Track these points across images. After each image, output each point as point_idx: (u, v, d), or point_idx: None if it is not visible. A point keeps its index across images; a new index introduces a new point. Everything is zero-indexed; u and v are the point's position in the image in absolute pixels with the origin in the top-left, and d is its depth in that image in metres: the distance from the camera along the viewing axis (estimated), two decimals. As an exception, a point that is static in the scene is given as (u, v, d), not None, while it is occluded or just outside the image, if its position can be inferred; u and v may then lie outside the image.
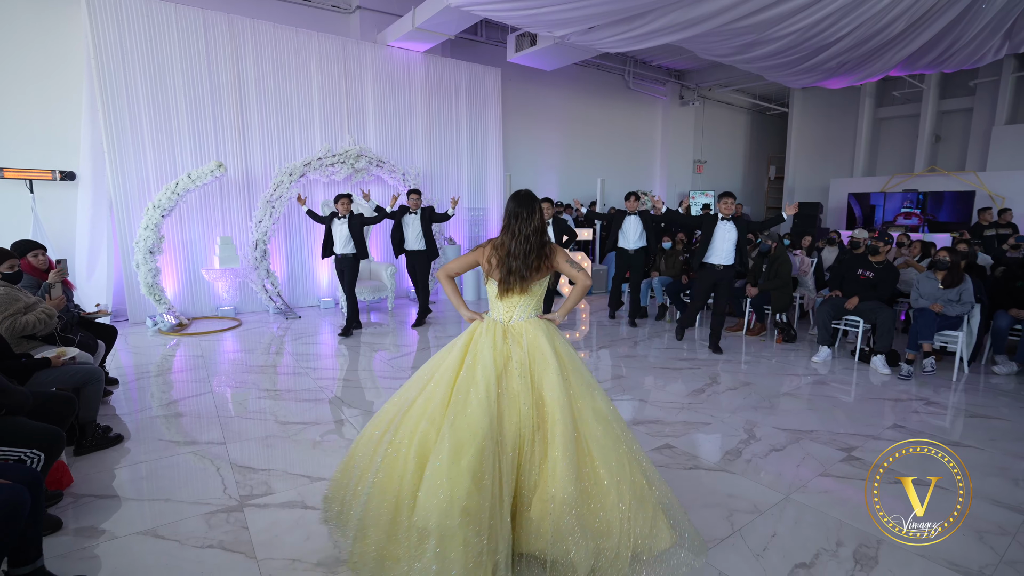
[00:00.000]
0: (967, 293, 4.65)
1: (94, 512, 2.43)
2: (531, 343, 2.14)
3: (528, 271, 2.19)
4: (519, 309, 2.23)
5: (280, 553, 2.16)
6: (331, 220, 5.87)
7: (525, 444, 1.96)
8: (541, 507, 1.88)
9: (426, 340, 5.77)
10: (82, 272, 5.99)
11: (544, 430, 1.98)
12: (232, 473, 2.82)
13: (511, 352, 2.11)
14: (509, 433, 1.95)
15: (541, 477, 1.93)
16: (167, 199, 5.97)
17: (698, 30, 5.98)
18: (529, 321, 2.22)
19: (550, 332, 2.21)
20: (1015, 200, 9.26)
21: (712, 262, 5.28)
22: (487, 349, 2.09)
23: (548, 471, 1.91)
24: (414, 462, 1.86)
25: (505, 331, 2.18)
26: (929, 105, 10.92)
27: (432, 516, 1.71)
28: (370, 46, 7.57)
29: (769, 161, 14.64)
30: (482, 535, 1.75)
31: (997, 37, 6.45)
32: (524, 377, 2.05)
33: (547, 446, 1.96)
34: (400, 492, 1.84)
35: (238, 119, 6.70)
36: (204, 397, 3.99)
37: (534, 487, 1.93)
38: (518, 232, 2.20)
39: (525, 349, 2.12)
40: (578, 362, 2.20)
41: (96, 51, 5.77)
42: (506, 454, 1.91)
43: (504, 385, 2.02)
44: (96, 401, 3.00)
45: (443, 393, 2.00)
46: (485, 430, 1.86)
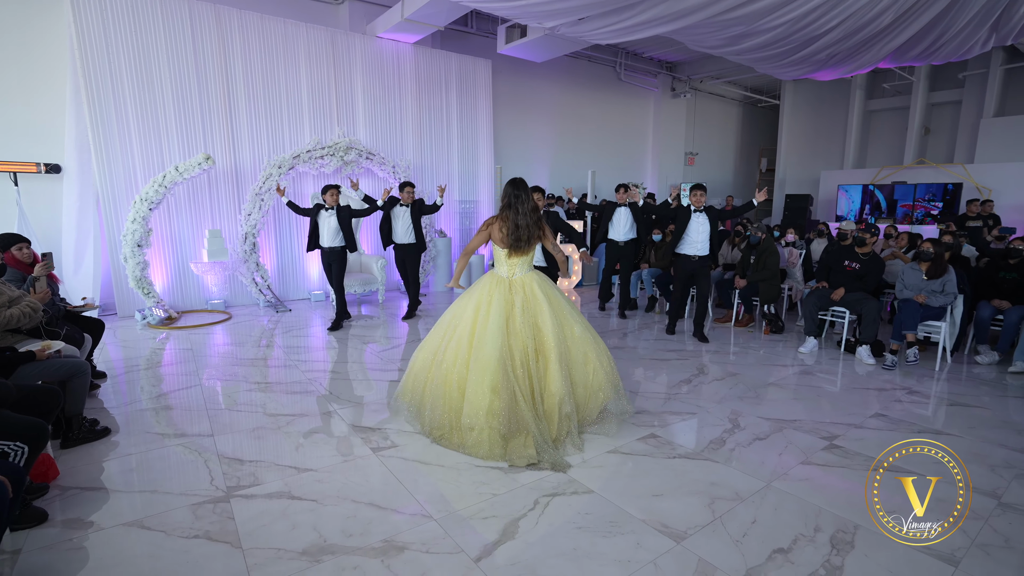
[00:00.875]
0: (951, 284, 4.71)
1: (80, 504, 2.44)
2: (528, 292, 3.08)
3: (532, 237, 3.11)
4: (519, 267, 3.15)
5: (265, 543, 2.18)
6: (317, 212, 5.80)
7: (531, 362, 2.92)
8: (550, 400, 2.94)
9: (416, 332, 5.78)
10: (69, 266, 5.94)
11: (544, 352, 2.97)
12: (220, 465, 2.83)
13: (515, 300, 3.03)
14: (517, 358, 2.90)
15: (546, 381, 2.95)
16: (155, 192, 5.92)
17: (687, 21, 5.97)
18: (526, 275, 3.14)
19: (542, 281, 3.15)
20: (1002, 192, 9.35)
21: (687, 253, 5.39)
22: (498, 300, 3.02)
23: (550, 377, 2.94)
24: (456, 386, 2.95)
25: (510, 284, 3.10)
26: (918, 97, 10.98)
27: (472, 417, 2.85)
28: (359, 37, 7.51)
29: (760, 153, 14.68)
30: (503, 424, 2.81)
31: (984, 29, 6.48)
32: (525, 316, 2.99)
33: (547, 363, 2.95)
34: (451, 405, 2.97)
35: (226, 111, 6.65)
36: (193, 390, 3.99)
37: (543, 389, 2.95)
38: (520, 209, 3.08)
39: (525, 297, 3.05)
40: (562, 300, 3.15)
41: (80, 41, 5.70)
42: (516, 373, 2.88)
43: (511, 325, 2.96)
44: (82, 394, 3.00)
45: (467, 336, 2.98)
46: (497, 359, 2.84)
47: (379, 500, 2.51)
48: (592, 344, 3.10)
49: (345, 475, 2.74)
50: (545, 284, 3.13)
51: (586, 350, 3.08)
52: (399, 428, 3.32)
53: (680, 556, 2.14)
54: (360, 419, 3.47)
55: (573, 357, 3.05)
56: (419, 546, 2.18)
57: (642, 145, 12.24)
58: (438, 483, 2.68)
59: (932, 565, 2.12)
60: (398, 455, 2.97)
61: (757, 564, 2.10)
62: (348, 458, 2.93)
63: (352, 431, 3.29)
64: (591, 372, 3.08)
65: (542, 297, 3.04)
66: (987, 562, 2.14)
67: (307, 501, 2.49)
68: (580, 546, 2.19)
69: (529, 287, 3.07)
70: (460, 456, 2.94)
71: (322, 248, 5.86)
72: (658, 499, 2.55)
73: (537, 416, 2.87)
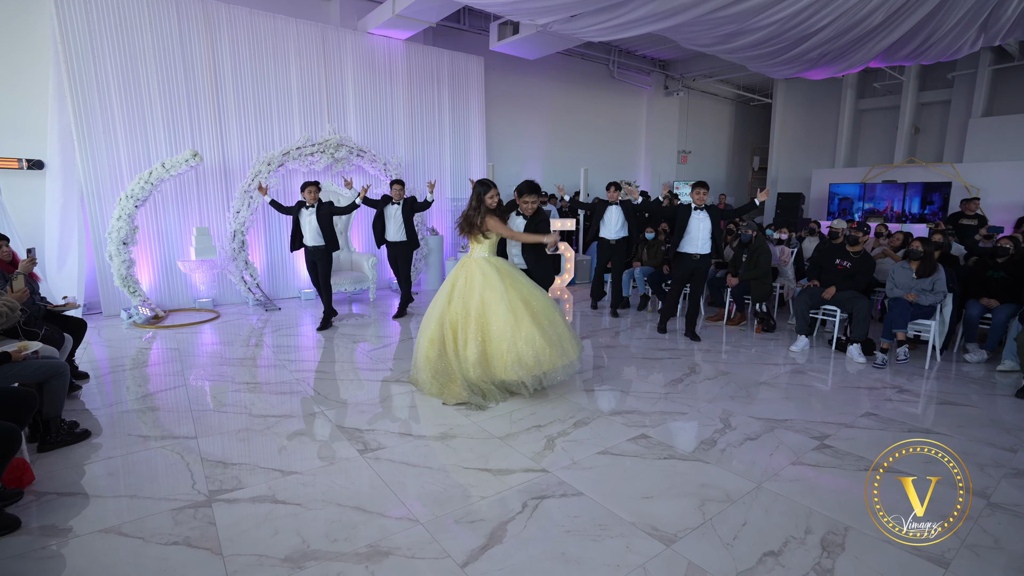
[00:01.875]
0: (940, 283, 4.72)
1: (57, 510, 2.38)
2: (471, 270, 3.76)
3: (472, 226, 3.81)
4: (476, 250, 3.85)
5: (247, 549, 2.13)
6: (299, 210, 5.69)
7: (458, 326, 3.69)
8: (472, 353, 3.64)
9: (408, 331, 5.73)
10: (52, 264, 5.84)
11: (467, 320, 3.66)
12: (202, 468, 2.77)
13: (460, 275, 3.80)
14: (448, 320, 3.72)
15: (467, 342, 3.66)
16: (141, 189, 5.83)
17: (679, 19, 5.95)
18: (479, 259, 3.81)
19: (489, 266, 3.74)
20: (989, 191, 9.41)
21: (688, 251, 5.34)
22: (453, 274, 3.85)
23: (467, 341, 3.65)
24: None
25: (465, 263, 3.85)
26: (908, 97, 11.02)
27: (418, 361, 3.86)
28: (350, 33, 7.43)
29: (753, 152, 14.71)
30: (439, 369, 3.72)
31: (973, 30, 6.50)
32: (466, 290, 3.72)
33: (467, 328, 3.66)
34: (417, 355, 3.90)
35: (214, 107, 6.55)
36: (178, 391, 3.93)
37: (465, 345, 3.66)
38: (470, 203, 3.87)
39: (468, 274, 3.76)
40: (502, 285, 3.65)
41: (63, 34, 5.59)
42: (445, 331, 3.72)
43: (452, 294, 3.76)
44: (61, 396, 2.92)
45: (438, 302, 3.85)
46: (436, 317, 3.76)
47: (365, 504, 2.47)
48: (512, 326, 3.55)
49: (331, 478, 2.69)
50: (492, 269, 3.72)
51: (504, 328, 3.56)
52: (387, 429, 3.28)
53: (670, 560, 2.11)
54: (348, 420, 3.42)
55: (491, 331, 3.60)
56: (405, 551, 2.14)
57: (635, 143, 12.22)
58: (425, 485, 2.64)
59: (922, 567, 2.10)
60: (385, 457, 2.93)
61: (747, 568, 2.07)
62: (334, 460, 2.88)
63: (339, 432, 3.24)
64: (505, 349, 3.56)
65: (479, 277, 3.70)
66: (976, 563, 2.13)
67: (291, 505, 2.44)
68: (569, 550, 2.16)
69: (475, 267, 3.76)
70: (448, 458, 2.90)
71: (305, 247, 5.75)
72: (648, 501, 2.53)
73: (462, 368, 3.64)
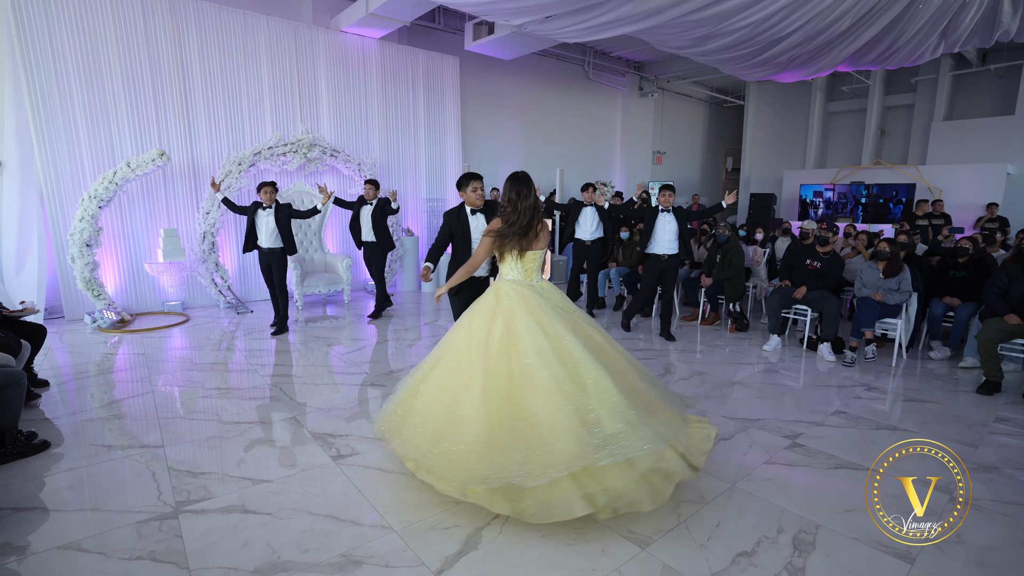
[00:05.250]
0: (906, 282, 4.86)
1: (11, 526, 2.27)
2: None
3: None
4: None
5: (215, 561, 2.07)
6: (255, 211, 5.50)
7: None
8: None
9: (384, 334, 5.66)
10: (10, 267, 5.62)
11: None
12: (169, 478, 2.69)
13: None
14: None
15: None
16: (104, 189, 5.64)
17: (653, 21, 6.00)
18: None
19: None
20: (951, 192, 9.74)
21: (656, 252, 5.42)
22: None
23: None
24: None
25: None
26: (875, 100, 11.34)
27: None
28: (323, 31, 7.31)
29: (726, 153, 14.95)
30: None
31: (934, 37, 6.72)
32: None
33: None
34: None
35: (182, 105, 6.37)
36: (145, 397, 3.81)
37: None
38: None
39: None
40: None
41: (18, 27, 5.34)
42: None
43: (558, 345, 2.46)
44: (17, 406, 2.80)
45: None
46: None
47: (337, 512, 2.42)
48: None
49: (302, 486, 2.64)
50: None
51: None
52: (361, 434, 3.23)
53: (645, 563, 2.12)
54: (321, 425, 3.36)
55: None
56: (378, 560, 2.10)
57: (611, 143, 12.31)
58: (400, 492, 2.60)
59: (889, 563, 2.15)
60: (359, 463, 2.88)
61: (721, 568, 2.09)
62: (306, 467, 2.82)
63: (312, 438, 3.17)
64: None
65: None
66: (940, 557, 2.19)
67: (261, 515, 2.38)
68: (544, 555, 2.15)
69: None
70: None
71: (260, 249, 5.53)
72: (624, 503, 2.53)
73: None
